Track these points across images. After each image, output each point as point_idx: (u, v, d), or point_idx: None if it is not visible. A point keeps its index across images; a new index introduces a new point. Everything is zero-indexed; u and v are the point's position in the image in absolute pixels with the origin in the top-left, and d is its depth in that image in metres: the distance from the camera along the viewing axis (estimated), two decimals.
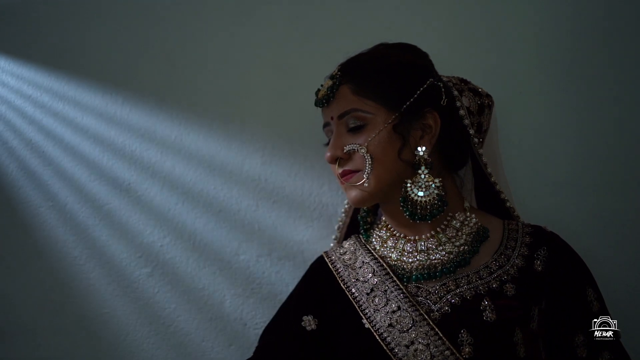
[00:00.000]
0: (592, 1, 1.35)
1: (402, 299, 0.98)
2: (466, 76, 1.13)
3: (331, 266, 1.10)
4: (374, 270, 1.04)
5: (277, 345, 1.06)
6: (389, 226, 1.09)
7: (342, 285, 1.06)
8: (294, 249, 1.32)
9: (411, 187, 1.00)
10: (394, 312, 0.98)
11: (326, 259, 1.12)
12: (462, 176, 1.14)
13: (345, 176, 1.03)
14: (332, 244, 1.22)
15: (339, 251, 1.13)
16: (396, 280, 1.01)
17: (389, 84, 1.01)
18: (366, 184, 1.00)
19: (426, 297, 0.99)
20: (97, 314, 1.32)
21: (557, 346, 0.99)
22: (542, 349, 1.00)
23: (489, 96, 1.11)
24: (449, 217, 1.04)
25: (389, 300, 0.99)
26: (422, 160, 1.00)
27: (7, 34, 1.38)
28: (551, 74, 1.34)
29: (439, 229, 1.04)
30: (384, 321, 0.97)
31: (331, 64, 1.08)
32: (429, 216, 0.99)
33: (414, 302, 0.98)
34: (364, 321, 0.99)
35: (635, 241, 1.29)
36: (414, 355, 0.93)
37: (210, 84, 1.37)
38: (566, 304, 1.00)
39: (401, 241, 1.06)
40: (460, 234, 1.03)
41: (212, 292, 1.32)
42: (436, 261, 1.01)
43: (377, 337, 0.96)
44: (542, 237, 1.04)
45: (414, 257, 1.03)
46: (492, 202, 1.12)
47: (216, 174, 1.35)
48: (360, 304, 1.01)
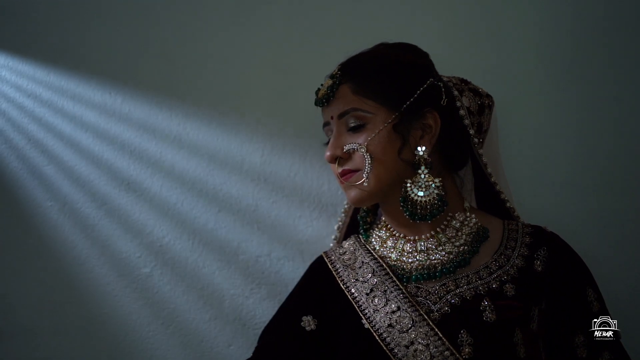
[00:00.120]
0: (592, 1, 1.35)
1: (401, 299, 0.98)
2: (466, 76, 1.12)
3: (331, 266, 1.10)
4: (373, 270, 1.04)
5: (277, 345, 1.05)
6: (389, 226, 1.09)
7: (341, 285, 1.05)
8: (293, 249, 1.32)
9: (411, 187, 1.00)
10: (393, 312, 0.98)
11: (326, 259, 1.12)
12: (462, 176, 1.14)
13: (344, 175, 1.03)
14: (331, 244, 1.22)
15: (338, 251, 1.12)
16: (396, 280, 1.01)
17: (389, 83, 1.01)
18: (366, 184, 1.00)
19: (426, 297, 0.98)
20: (97, 314, 1.32)
21: (557, 346, 0.99)
22: (542, 349, 1.00)
23: (489, 96, 1.11)
24: (449, 217, 1.04)
25: (389, 300, 0.99)
26: (422, 160, 1.00)
27: (7, 33, 1.38)
28: (551, 74, 1.34)
29: (438, 229, 1.04)
30: (384, 321, 0.97)
31: (331, 63, 1.08)
32: (429, 216, 0.99)
33: (414, 303, 0.97)
34: (364, 321, 0.99)
35: (635, 241, 1.29)
36: (413, 355, 0.93)
37: (210, 84, 1.36)
38: (566, 304, 0.99)
39: (401, 241, 1.06)
40: (460, 234, 1.03)
41: (211, 292, 1.32)
42: (436, 261, 1.01)
43: (377, 338, 0.96)
44: (542, 237, 1.04)
45: (413, 257, 1.03)
46: (492, 202, 1.12)
47: (215, 174, 1.35)
48: (359, 304, 1.01)
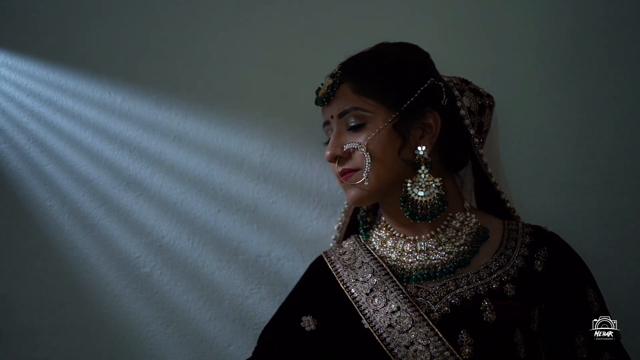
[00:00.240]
0: (592, 1, 1.35)
1: (401, 300, 0.98)
2: (466, 76, 1.12)
3: (330, 266, 1.10)
4: (373, 270, 1.04)
5: (276, 345, 1.05)
6: (389, 226, 1.09)
7: (341, 285, 1.05)
8: (293, 249, 1.32)
9: (411, 186, 1.00)
10: (393, 312, 0.97)
11: (325, 259, 1.12)
12: (462, 176, 1.14)
13: (344, 175, 1.03)
14: (331, 244, 1.22)
15: (338, 251, 1.12)
16: (396, 280, 1.01)
17: (390, 83, 1.01)
18: (366, 183, 1.00)
19: (426, 297, 0.98)
20: (96, 314, 1.31)
21: (558, 347, 0.99)
22: (542, 349, 0.99)
23: (490, 96, 1.11)
24: (449, 217, 1.04)
25: (389, 300, 0.99)
26: (422, 159, 1.00)
27: (7, 33, 1.38)
28: (551, 74, 1.34)
29: (438, 229, 1.03)
30: (384, 321, 0.97)
31: (331, 63, 1.08)
32: (429, 216, 0.98)
33: (414, 303, 0.97)
34: (364, 321, 0.99)
35: (635, 241, 1.29)
36: (413, 355, 0.93)
37: (210, 84, 1.36)
38: (566, 305, 0.99)
39: (401, 241, 1.06)
40: (460, 234, 1.03)
41: (211, 292, 1.32)
42: (436, 261, 1.01)
43: (377, 338, 0.96)
44: (542, 238, 1.04)
45: (413, 257, 1.03)
46: (492, 202, 1.12)
47: (215, 174, 1.35)
48: (359, 304, 1.01)
